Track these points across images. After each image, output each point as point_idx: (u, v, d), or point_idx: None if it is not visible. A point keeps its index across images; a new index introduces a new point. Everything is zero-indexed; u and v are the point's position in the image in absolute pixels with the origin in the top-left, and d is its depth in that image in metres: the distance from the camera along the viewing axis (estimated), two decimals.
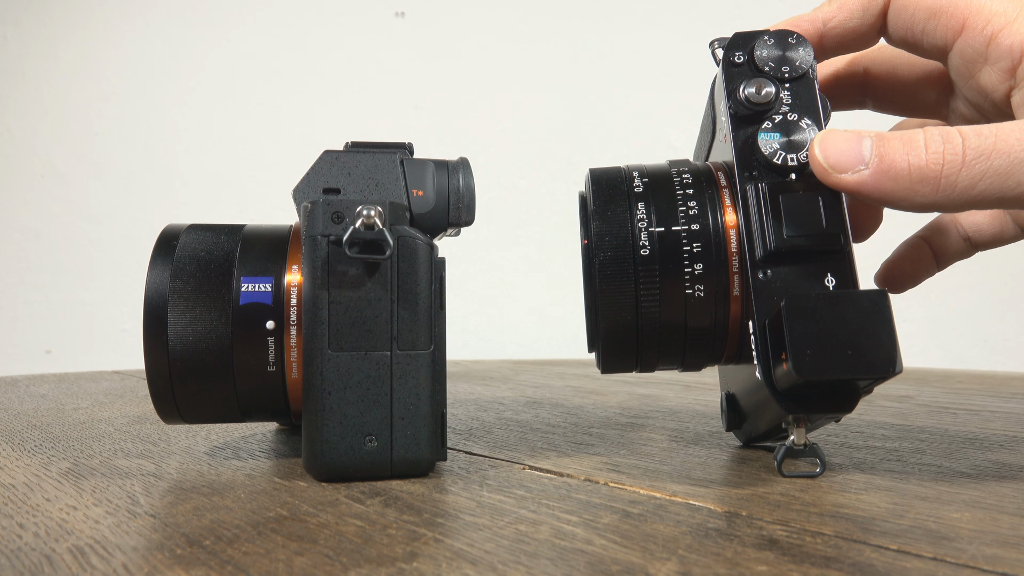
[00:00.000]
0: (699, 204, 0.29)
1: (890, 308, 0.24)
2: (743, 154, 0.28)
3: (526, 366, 0.77)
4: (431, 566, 0.19)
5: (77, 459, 0.33)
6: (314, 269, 0.27)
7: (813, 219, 0.26)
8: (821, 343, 0.24)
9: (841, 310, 0.24)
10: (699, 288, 0.28)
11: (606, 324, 0.29)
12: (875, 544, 0.21)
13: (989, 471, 0.30)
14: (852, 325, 0.24)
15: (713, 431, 0.38)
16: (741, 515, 0.24)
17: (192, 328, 0.29)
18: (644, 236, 0.29)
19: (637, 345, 0.30)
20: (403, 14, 0.99)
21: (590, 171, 0.31)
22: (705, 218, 0.29)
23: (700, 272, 0.28)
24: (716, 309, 0.29)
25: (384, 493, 0.27)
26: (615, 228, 0.29)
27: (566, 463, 0.31)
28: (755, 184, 0.28)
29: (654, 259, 0.28)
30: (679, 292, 0.29)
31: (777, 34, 0.29)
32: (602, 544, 0.21)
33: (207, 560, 0.20)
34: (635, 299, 0.29)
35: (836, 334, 0.24)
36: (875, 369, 0.24)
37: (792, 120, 0.28)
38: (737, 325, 0.29)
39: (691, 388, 0.57)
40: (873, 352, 0.24)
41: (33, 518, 0.24)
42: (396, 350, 0.28)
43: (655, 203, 0.29)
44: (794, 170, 0.28)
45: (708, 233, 0.28)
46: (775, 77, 0.29)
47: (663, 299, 0.29)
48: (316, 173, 0.30)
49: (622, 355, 0.30)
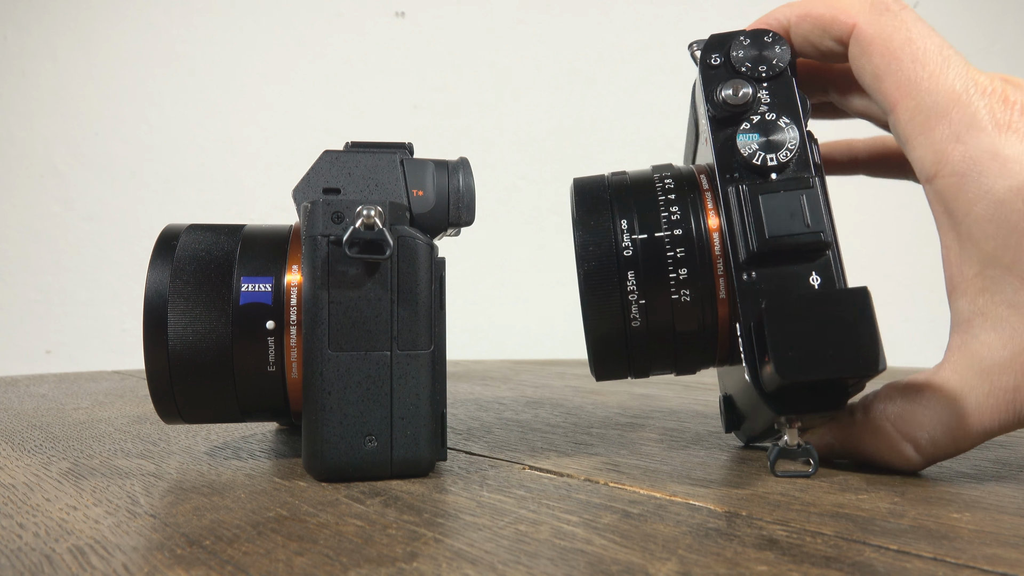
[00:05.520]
0: (681, 209, 0.29)
1: (872, 306, 0.24)
2: (723, 156, 0.28)
3: (526, 366, 0.77)
4: (431, 566, 0.19)
5: (77, 459, 0.33)
6: (314, 269, 0.27)
7: (795, 219, 0.26)
8: (803, 344, 0.24)
9: (822, 310, 0.24)
10: (685, 293, 0.28)
11: (594, 334, 0.29)
12: (875, 544, 0.21)
13: (989, 471, 0.30)
14: (834, 325, 0.24)
15: (713, 431, 0.38)
16: (741, 515, 0.24)
17: (192, 328, 0.29)
18: (627, 243, 0.29)
19: (628, 353, 0.30)
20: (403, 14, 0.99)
21: (573, 181, 0.31)
22: (688, 222, 0.29)
23: (685, 277, 0.28)
24: (704, 314, 0.29)
25: (384, 493, 0.27)
26: (598, 238, 0.29)
27: (566, 463, 0.31)
28: (736, 186, 0.28)
29: (638, 266, 0.28)
30: (665, 298, 0.28)
31: (753, 34, 0.29)
32: (602, 544, 0.21)
33: (207, 560, 0.20)
34: (622, 307, 0.29)
35: (818, 334, 0.24)
36: (858, 368, 0.24)
37: (770, 120, 0.28)
38: (727, 328, 0.29)
39: (691, 388, 0.57)
40: (856, 351, 0.24)
41: (33, 518, 0.24)
42: (396, 350, 0.28)
43: (637, 210, 0.29)
44: (774, 169, 0.28)
45: (691, 238, 0.28)
46: (752, 77, 0.29)
47: (649, 306, 0.29)
48: (316, 173, 0.30)
49: (614, 363, 0.30)
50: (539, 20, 0.99)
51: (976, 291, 0.26)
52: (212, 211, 0.95)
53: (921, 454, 0.27)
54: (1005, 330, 0.25)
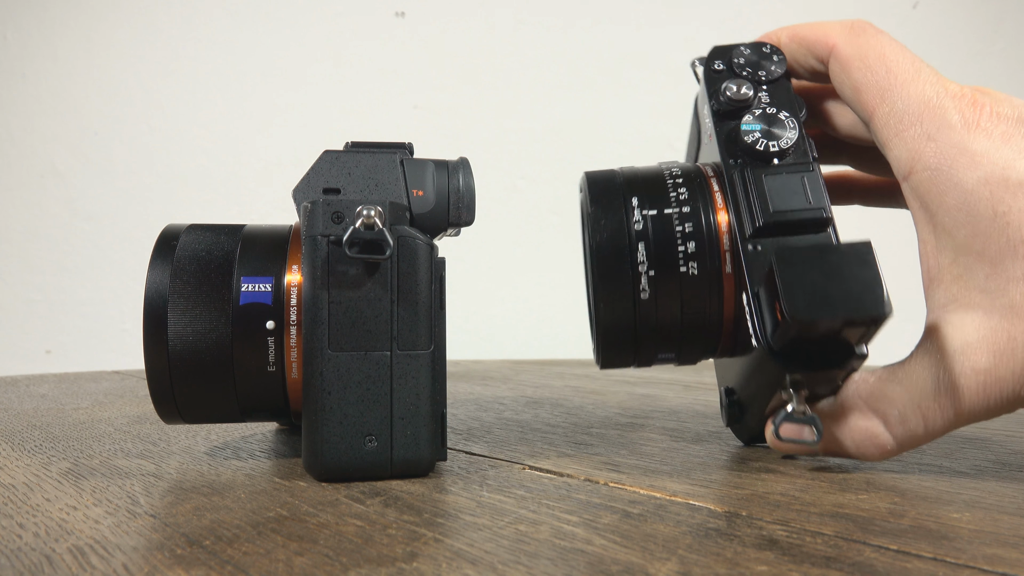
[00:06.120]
0: (689, 191, 0.30)
1: (875, 257, 0.25)
2: (727, 144, 0.30)
3: (526, 366, 0.77)
4: (431, 566, 0.19)
5: (77, 459, 0.33)
6: (314, 269, 0.27)
7: (797, 196, 0.28)
8: (812, 288, 0.25)
9: (828, 258, 0.25)
10: (692, 266, 0.29)
11: (603, 308, 0.30)
12: (875, 544, 0.21)
13: (989, 471, 0.30)
14: (840, 272, 0.25)
15: (713, 431, 0.38)
16: (741, 515, 0.24)
17: (192, 328, 0.29)
18: (638, 217, 0.30)
19: (635, 329, 0.30)
20: (403, 14, 0.99)
21: (585, 173, 0.33)
22: (695, 202, 0.30)
23: (693, 251, 0.30)
24: (710, 287, 0.30)
25: (384, 493, 0.27)
26: (610, 213, 0.30)
27: (566, 463, 0.31)
28: (741, 169, 0.29)
29: (648, 239, 0.30)
30: (674, 271, 0.30)
31: (752, 45, 0.32)
32: (602, 544, 0.21)
33: (207, 560, 0.20)
34: (632, 280, 0.30)
35: (825, 279, 0.25)
36: (864, 308, 0.24)
37: (771, 113, 0.30)
38: (731, 306, 0.30)
39: (691, 388, 0.57)
40: (862, 295, 0.24)
41: (33, 518, 0.24)
42: (396, 350, 0.28)
43: (647, 190, 0.31)
44: (776, 155, 0.29)
45: (698, 215, 0.30)
46: (753, 80, 0.31)
47: (658, 278, 0.30)
48: (316, 173, 0.30)
49: (620, 342, 0.31)
50: (539, 20, 0.99)
51: (951, 279, 0.27)
52: (212, 211, 0.95)
53: (891, 432, 0.28)
54: (977, 313, 0.26)
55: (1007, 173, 0.26)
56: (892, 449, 0.28)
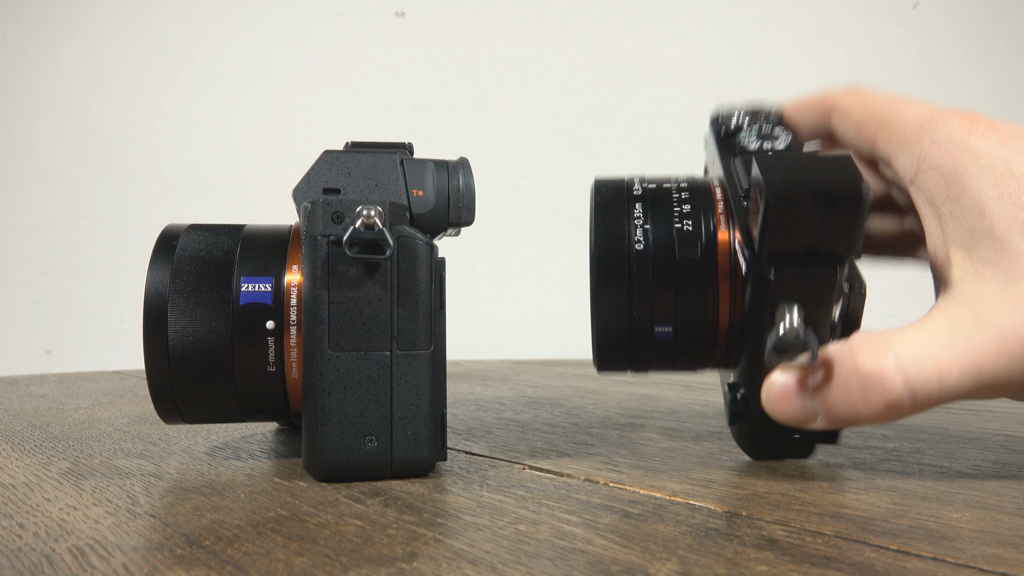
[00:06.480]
0: (689, 179, 0.32)
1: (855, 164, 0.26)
2: (726, 149, 0.32)
3: (526, 366, 0.77)
4: (431, 566, 0.19)
5: (77, 459, 0.33)
6: (314, 269, 0.27)
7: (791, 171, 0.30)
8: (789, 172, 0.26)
9: (807, 160, 0.27)
10: (687, 222, 0.31)
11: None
12: (875, 544, 0.21)
13: (989, 471, 0.30)
14: (819, 168, 0.26)
15: (713, 431, 0.38)
16: (741, 515, 0.24)
17: (192, 328, 0.29)
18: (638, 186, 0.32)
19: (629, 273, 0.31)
20: (403, 14, 0.99)
21: (595, 180, 0.33)
22: (694, 181, 0.32)
23: (688, 211, 0.31)
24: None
25: (384, 493, 0.27)
26: (612, 185, 0.32)
27: (566, 463, 0.31)
28: (739, 156, 0.31)
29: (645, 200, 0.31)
30: (668, 224, 0.31)
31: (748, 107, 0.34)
32: (602, 544, 0.21)
33: (207, 560, 0.20)
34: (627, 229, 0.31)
35: (803, 168, 0.26)
36: (843, 187, 0.25)
37: (767, 130, 0.32)
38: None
39: (691, 388, 0.57)
40: (841, 175, 0.26)
41: (33, 518, 0.24)
42: (396, 350, 0.28)
43: (649, 175, 0.33)
44: None
45: (696, 187, 0.32)
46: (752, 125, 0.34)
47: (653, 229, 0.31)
48: (316, 173, 0.30)
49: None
50: (539, 20, 0.99)
51: (960, 260, 0.28)
52: (212, 211, 0.95)
53: (903, 373, 0.25)
54: (991, 283, 0.27)
55: (1010, 166, 0.27)
56: (901, 397, 0.25)
